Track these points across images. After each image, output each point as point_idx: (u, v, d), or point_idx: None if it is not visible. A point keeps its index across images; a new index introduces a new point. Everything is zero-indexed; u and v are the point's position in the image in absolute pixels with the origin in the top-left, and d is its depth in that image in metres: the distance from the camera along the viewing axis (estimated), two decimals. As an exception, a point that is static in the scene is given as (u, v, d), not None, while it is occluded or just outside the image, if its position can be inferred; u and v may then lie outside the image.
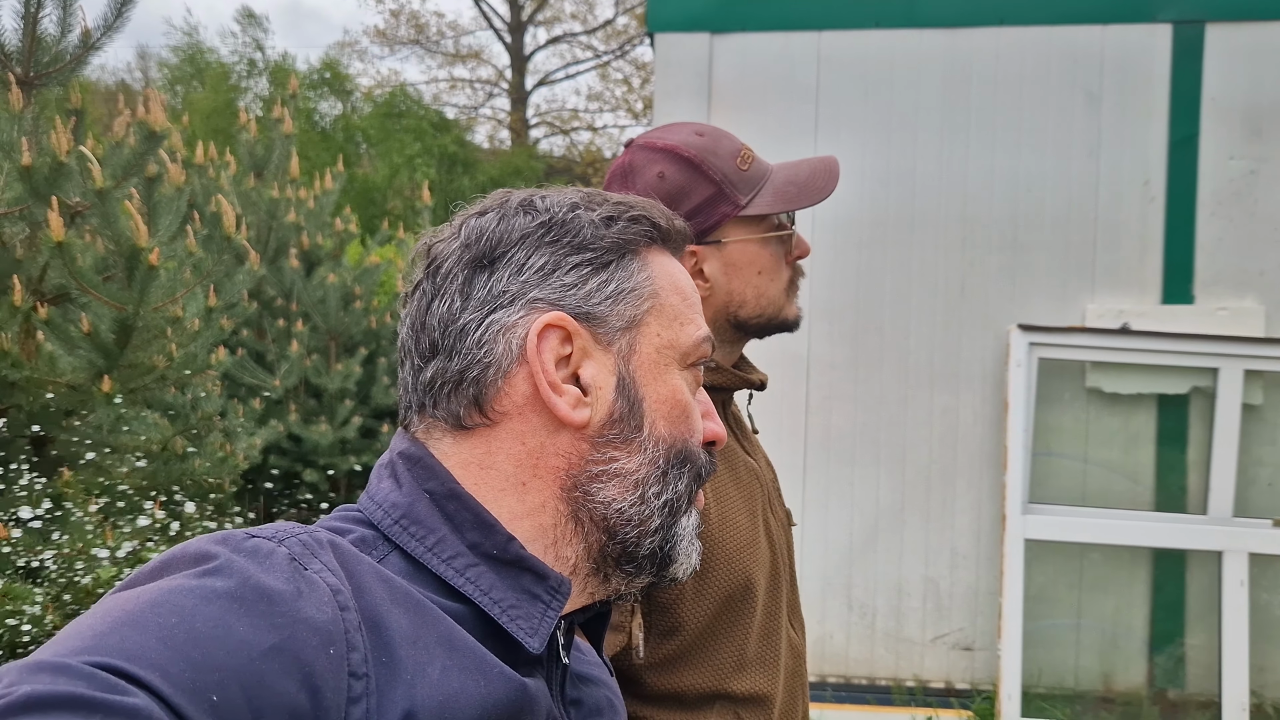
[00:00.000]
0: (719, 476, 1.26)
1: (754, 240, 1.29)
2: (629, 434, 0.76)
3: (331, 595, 0.61)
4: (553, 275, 0.76)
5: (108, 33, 4.11)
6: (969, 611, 4.33)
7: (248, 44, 24.30)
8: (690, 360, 0.81)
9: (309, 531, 0.67)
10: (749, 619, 1.22)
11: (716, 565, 1.19)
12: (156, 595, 0.55)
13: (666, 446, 0.77)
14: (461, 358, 0.75)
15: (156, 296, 3.53)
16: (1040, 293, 4.26)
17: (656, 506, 0.76)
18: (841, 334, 4.36)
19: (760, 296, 1.31)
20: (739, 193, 1.27)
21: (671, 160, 1.27)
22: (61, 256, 3.31)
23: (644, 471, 0.76)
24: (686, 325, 0.81)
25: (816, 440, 4.36)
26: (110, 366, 3.54)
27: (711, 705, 1.19)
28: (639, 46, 24.53)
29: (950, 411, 4.33)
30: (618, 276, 0.78)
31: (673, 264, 0.83)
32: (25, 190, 3.52)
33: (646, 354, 0.78)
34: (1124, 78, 4.22)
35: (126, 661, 0.50)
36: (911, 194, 4.33)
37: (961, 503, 4.33)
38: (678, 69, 4.40)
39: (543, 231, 0.77)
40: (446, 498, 0.73)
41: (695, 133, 1.30)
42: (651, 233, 0.81)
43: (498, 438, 0.75)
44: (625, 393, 0.76)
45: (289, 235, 7.39)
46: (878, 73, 4.35)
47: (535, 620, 0.71)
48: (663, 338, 0.79)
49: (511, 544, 0.72)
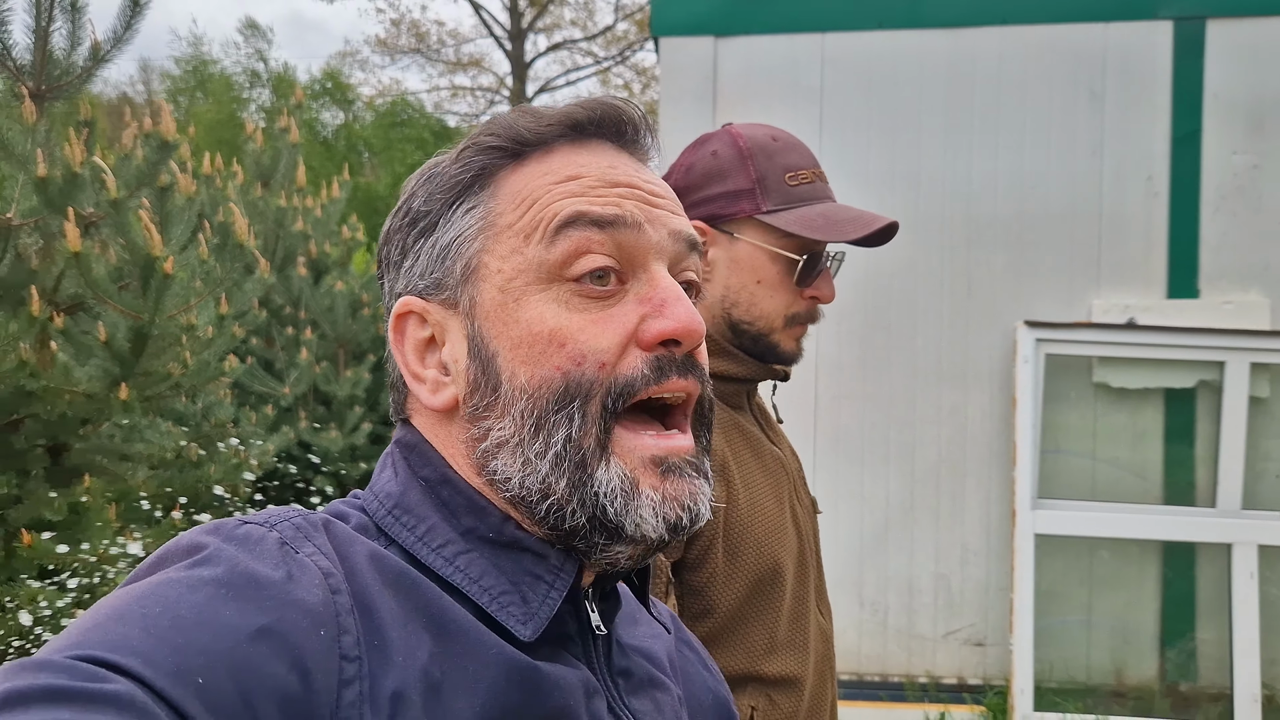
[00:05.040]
0: (746, 463, 1.29)
1: (763, 249, 1.30)
2: (491, 397, 0.69)
3: (323, 578, 0.60)
4: (403, 264, 0.74)
5: (117, 45, 4.16)
6: (980, 607, 4.35)
7: (250, 55, 24.40)
8: (559, 268, 0.69)
9: (303, 515, 0.65)
10: (779, 603, 1.25)
11: (746, 550, 1.23)
12: (144, 590, 0.55)
13: (531, 395, 0.67)
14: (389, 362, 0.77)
15: (171, 305, 3.56)
16: (1046, 289, 4.29)
17: (546, 468, 0.67)
18: (849, 334, 4.38)
19: (753, 305, 1.31)
20: (767, 198, 1.30)
21: (729, 145, 1.34)
22: (78, 266, 3.35)
23: (517, 430, 0.68)
24: (535, 233, 0.69)
25: (826, 439, 4.38)
26: (126, 374, 3.58)
27: (744, 687, 1.22)
28: (639, 52, 24.58)
29: (958, 409, 4.35)
30: (441, 233, 0.72)
31: (536, 171, 0.72)
32: (40, 202, 3.56)
33: (490, 298, 0.70)
34: (1126, 75, 4.25)
35: (108, 651, 0.49)
36: (917, 194, 4.36)
37: (971, 499, 4.35)
38: (682, 72, 4.44)
39: (394, 220, 0.75)
40: (440, 483, 0.71)
41: (770, 135, 1.34)
42: (486, 158, 0.72)
43: (425, 432, 0.74)
44: (477, 354, 0.70)
45: (296, 244, 7.43)
46: (881, 73, 4.39)
47: (535, 603, 0.67)
48: (506, 268, 0.69)
49: (507, 525, 0.69)
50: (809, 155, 1.35)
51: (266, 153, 7.46)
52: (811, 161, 1.34)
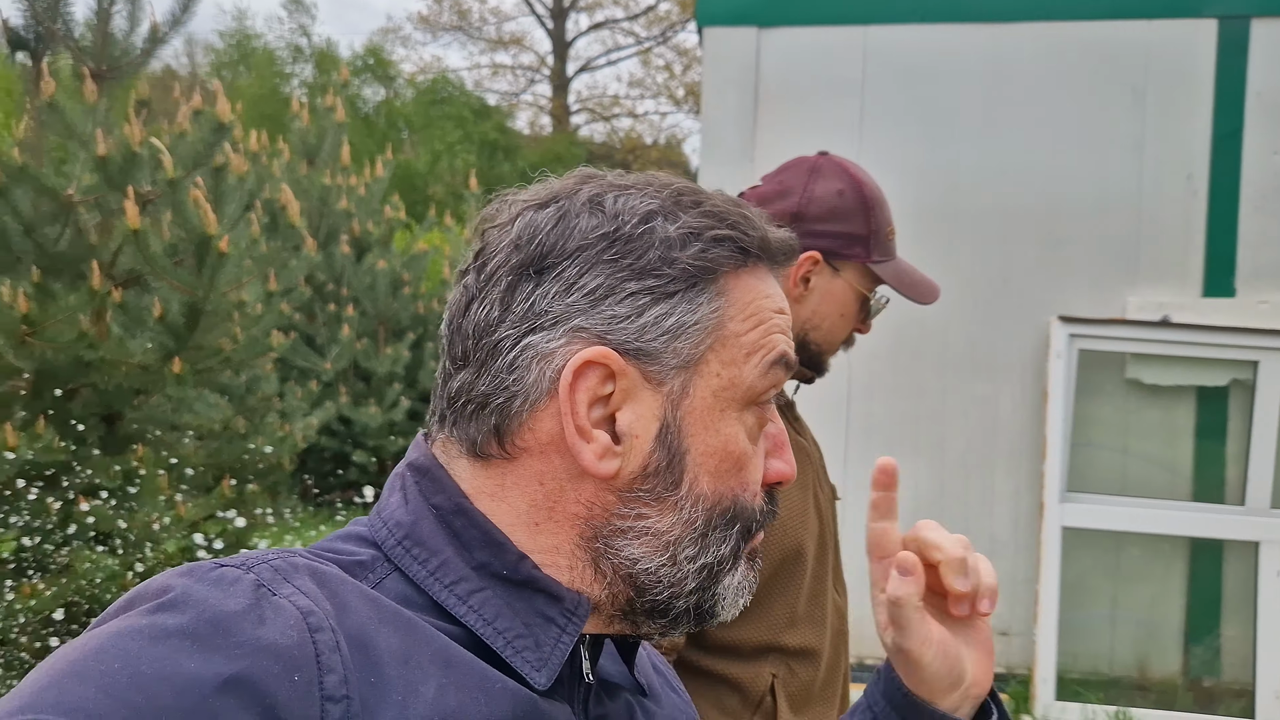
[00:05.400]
0: None
1: (854, 290, 1.49)
2: (663, 491, 0.68)
3: (301, 617, 0.57)
4: (604, 301, 0.67)
5: (175, 27, 4.28)
6: (1006, 598, 4.40)
7: (294, 30, 24.61)
8: (757, 396, 0.70)
9: (283, 556, 0.62)
10: (799, 581, 1.38)
11: (772, 532, 1.33)
12: (103, 640, 0.52)
13: (708, 506, 0.68)
14: (490, 378, 0.67)
15: (224, 282, 3.69)
16: (1081, 285, 4.31)
17: (691, 570, 0.68)
18: (881, 325, 4.38)
19: (829, 332, 1.51)
20: (875, 250, 1.48)
21: (855, 189, 1.48)
22: (136, 243, 3.47)
23: (677, 532, 0.68)
24: (755, 354, 0.70)
25: (857, 429, 4.44)
26: (180, 348, 3.71)
27: (765, 657, 1.34)
28: (681, 32, 24.54)
29: (990, 401, 4.40)
30: (680, 309, 0.68)
31: (759, 285, 0.72)
32: (100, 179, 3.69)
33: (701, 398, 0.68)
34: (1168, 72, 4.25)
35: (61, 715, 0.47)
36: (954, 187, 4.39)
37: (1000, 491, 4.40)
38: (725, 63, 4.49)
39: (604, 245, 0.67)
40: (454, 513, 0.68)
41: (877, 187, 1.51)
42: (736, 257, 0.70)
43: (514, 473, 0.69)
44: (666, 443, 0.68)
45: (340, 222, 7.57)
46: (921, 67, 4.41)
47: (548, 648, 0.66)
48: (723, 377, 0.69)
49: (523, 563, 0.67)
50: (890, 211, 1.54)
51: (312, 131, 7.59)
52: (891, 216, 1.53)
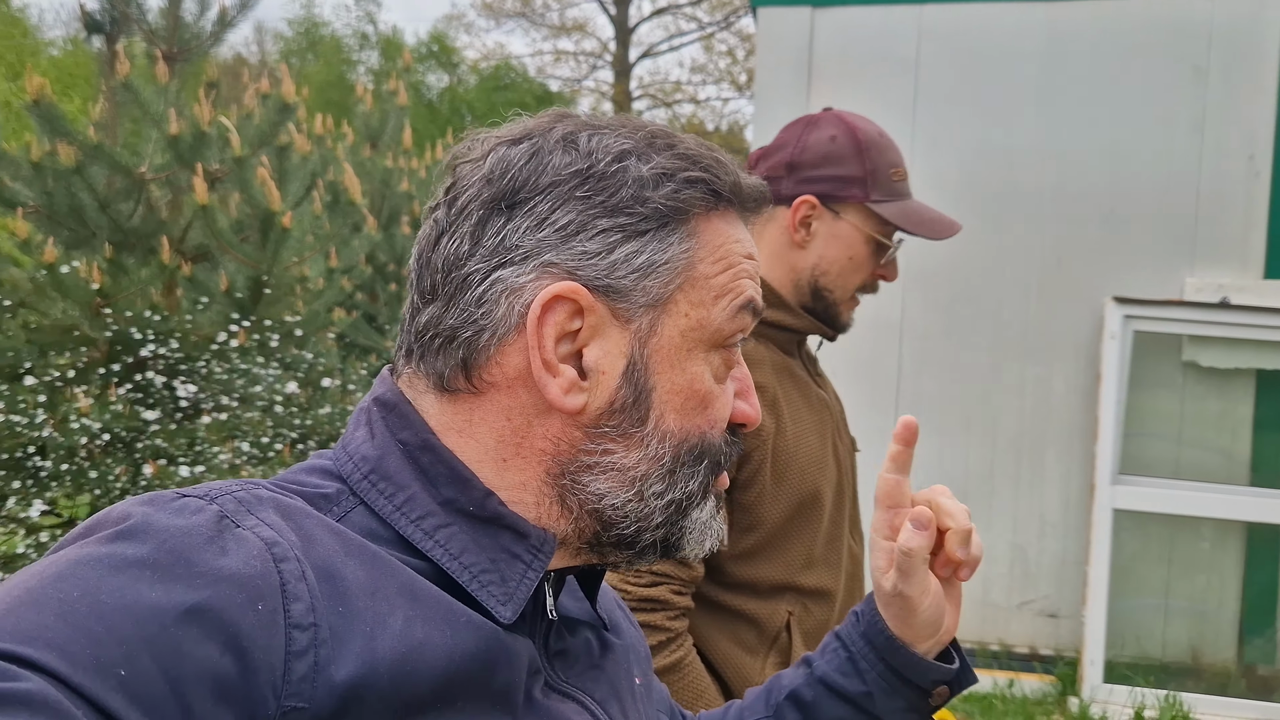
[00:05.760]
0: (794, 400, 1.46)
1: (861, 231, 1.48)
2: (629, 427, 0.68)
3: (265, 548, 0.57)
4: (575, 237, 0.67)
5: (243, 11, 4.41)
6: (1055, 580, 4.38)
7: (360, 17, 24.97)
8: (724, 339, 0.71)
9: (247, 488, 0.62)
10: (817, 524, 1.43)
11: (790, 475, 1.39)
12: (63, 567, 0.51)
13: (675, 443, 0.69)
14: (458, 312, 0.68)
15: (287, 257, 3.81)
16: (1138, 266, 4.26)
17: (658, 505, 0.70)
18: (935, 302, 4.43)
19: (839, 276, 1.50)
20: (875, 189, 1.48)
21: (847, 134, 1.50)
22: (204, 218, 3.61)
23: (644, 468, 0.69)
24: (724, 297, 0.70)
25: (907, 406, 4.45)
26: (244, 320, 3.85)
27: (782, 595, 1.39)
28: (743, 18, 24.40)
29: (1043, 382, 4.37)
30: (651, 248, 0.68)
31: (730, 229, 0.72)
32: (171, 157, 3.84)
33: (669, 337, 0.69)
34: (1232, 51, 4.17)
35: (19, 644, 0.46)
36: (1009, 165, 4.36)
37: (1051, 472, 4.37)
38: (779, 42, 4.51)
39: (576, 182, 0.67)
40: (420, 449, 0.68)
41: (878, 131, 1.52)
42: (708, 199, 0.70)
43: (481, 408, 0.69)
44: (633, 380, 0.68)
45: (401, 203, 7.71)
46: (977, 45, 4.38)
47: (513, 583, 0.66)
48: (691, 317, 0.69)
49: (489, 500, 0.67)
50: (900, 154, 1.54)
51: (375, 115, 7.73)
52: (902, 159, 1.53)
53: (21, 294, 4.03)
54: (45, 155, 3.80)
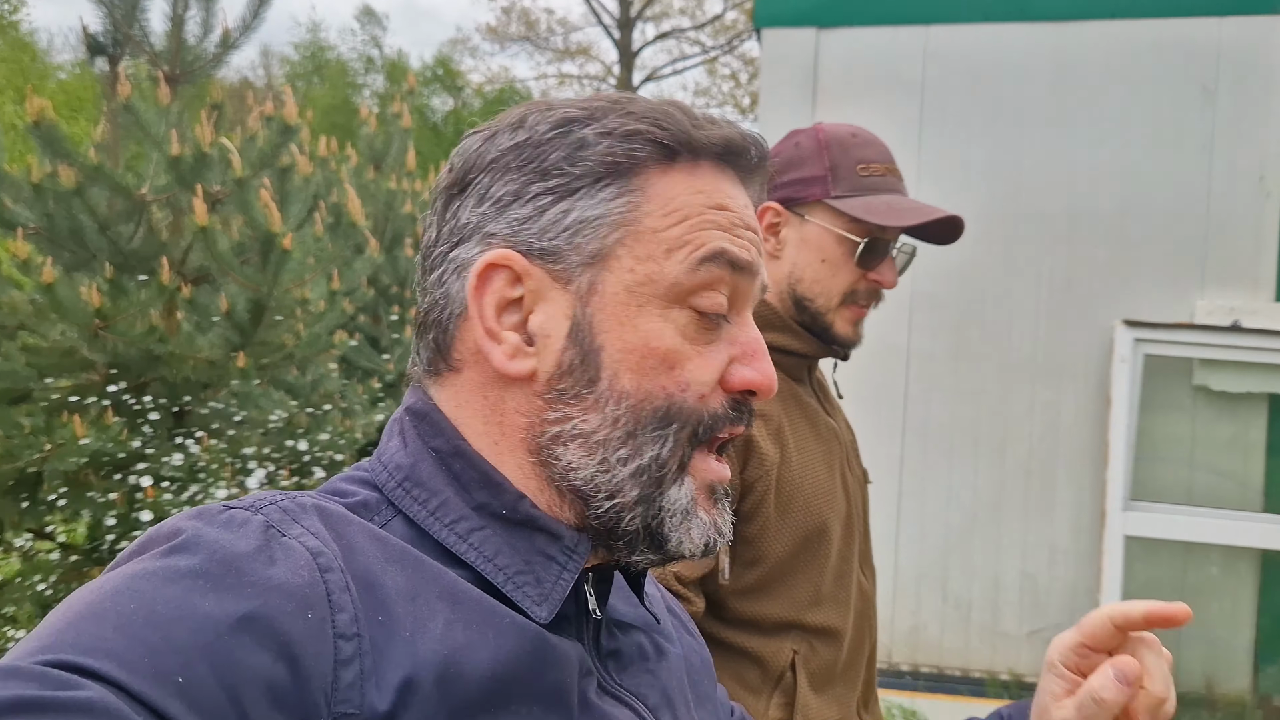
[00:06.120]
0: (801, 429, 1.39)
1: (830, 231, 1.41)
2: (581, 389, 0.67)
3: (311, 558, 0.58)
4: (510, 206, 0.69)
5: (245, 33, 4.40)
6: (1067, 608, 4.31)
7: (366, 41, 25.11)
8: (687, 293, 0.68)
9: (291, 498, 0.63)
10: (824, 559, 1.36)
11: (796, 507, 1.33)
12: (119, 582, 0.53)
13: (634, 404, 0.67)
14: (428, 295, 0.72)
15: (287, 279, 3.77)
16: (1147, 288, 4.22)
17: (625, 475, 0.67)
18: (942, 325, 4.38)
19: (815, 282, 1.42)
20: (836, 185, 1.41)
21: (810, 137, 1.45)
22: (204, 240, 3.57)
23: (604, 432, 0.67)
24: (679, 250, 0.68)
25: (914, 431, 4.39)
26: (244, 343, 3.80)
27: (787, 633, 1.33)
28: (747, 42, 24.51)
29: (1052, 406, 4.31)
30: (581, 205, 0.68)
31: (692, 181, 0.70)
32: (172, 179, 3.81)
33: (612, 293, 0.67)
34: (1241, 71, 4.14)
35: (80, 655, 0.48)
36: (1017, 187, 4.33)
37: (1061, 498, 4.31)
38: (783, 63, 4.48)
39: (514, 154, 0.69)
40: (452, 455, 0.69)
41: (851, 131, 1.45)
42: (655, 153, 0.68)
43: (463, 388, 0.71)
44: (578, 340, 0.67)
45: (405, 225, 7.69)
46: (985, 66, 4.36)
47: (549, 584, 0.66)
48: (639, 272, 0.67)
49: (521, 502, 0.68)
50: (885, 152, 1.45)
51: (379, 137, 7.73)
52: (886, 157, 1.44)
53: (21, 316, 3.99)
54: (46, 177, 3.78)
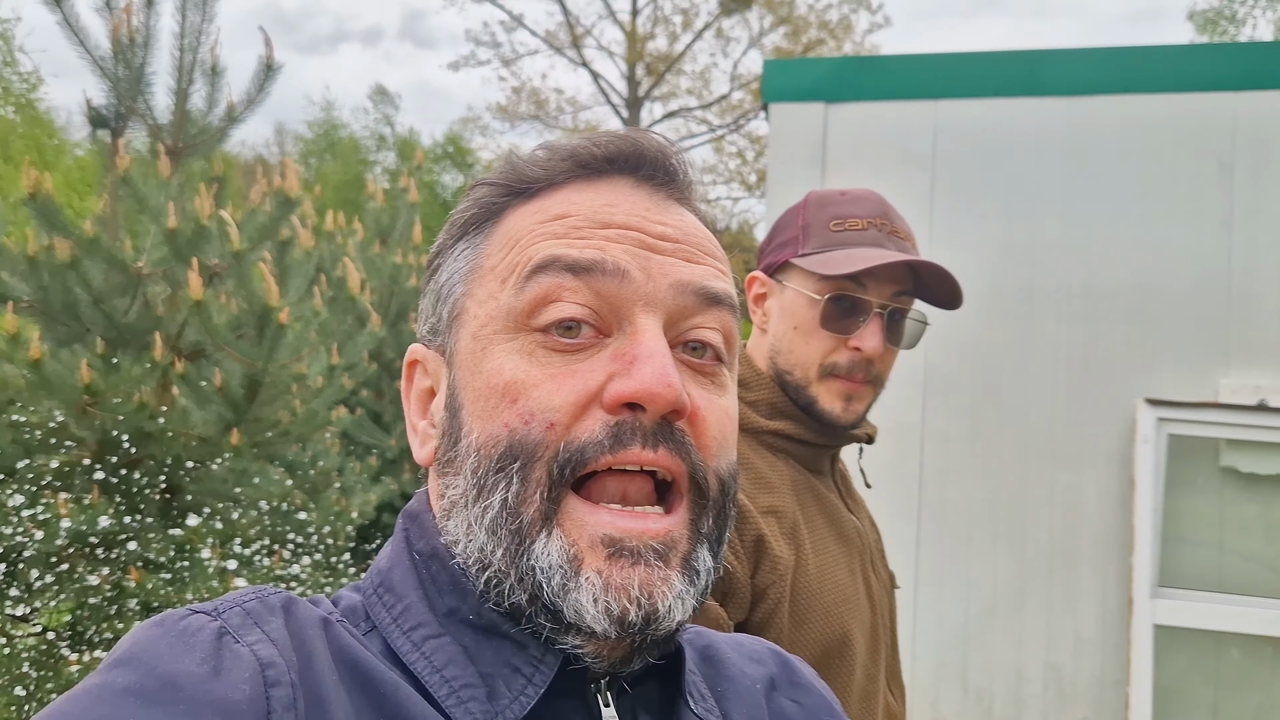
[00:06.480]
0: (819, 528, 1.23)
1: (802, 294, 1.28)
2: (452, 454, 0.64)
3: (259, 670, 0.55)
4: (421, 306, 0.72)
5: (250, 106, 4.37)
6: (1094, 701, 4.10)
7: (378, 119, 25.49)
8: (526, 315, 0.62)
9: (262, 597, 0.60)
10: (847, 676, 1.19)
11: (813, 617, 1.17)
12: (68, 697, 0.53)
13: (481, 452, 0.61)
14: None
15: (284, 354, 3.68)
16: (1170, 367, 4.09)
17: (483, 535, 0.60)
18: (958, 405, 4.25)
19: (790, 352, 1.28)
20: (806, 243, 1.28)
21: (800, 202, 1.35)
22: (199, 314, 3.48)
23: (465, 493, 0.62)
24: (511, 275, 0.63)
25: (930, 514, 4.24)
26: (239, 420, 3.69)
27: None
28: (753, 120, 24.82)
29: (1073, 489, 4.16)
30: (440, 273, 0.69)
31: (531, 209, 0.66)
32: (170, 252, 3.74)
33: (464, 347, 0.64)
34: (1258, 145, 4.07)
35: None
36: (1032, 264, 4.23)
37: (1085, 585, 4.13)
38: (792, 138, 4.43)
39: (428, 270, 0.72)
40: (429, 558, 0.65)
41: (840, 191, 1.34)
42: (502, 190, 0.68)
43: (430, 486, 0.70)
44: (451, 405, 0.65)
45: (410, 299, 7.64)
46: (996, 141, 4.30)
47: (505, 699, 0.59)
48: (479, 316, 0.64)
49: (484, 606, 0.62)
50: (875, 208, 1.30)
51: (386, 211, 7.73)
52: (873, 212, 1.29)
53: (11, 392, 3.89)
54: (42, 250, 3.71)
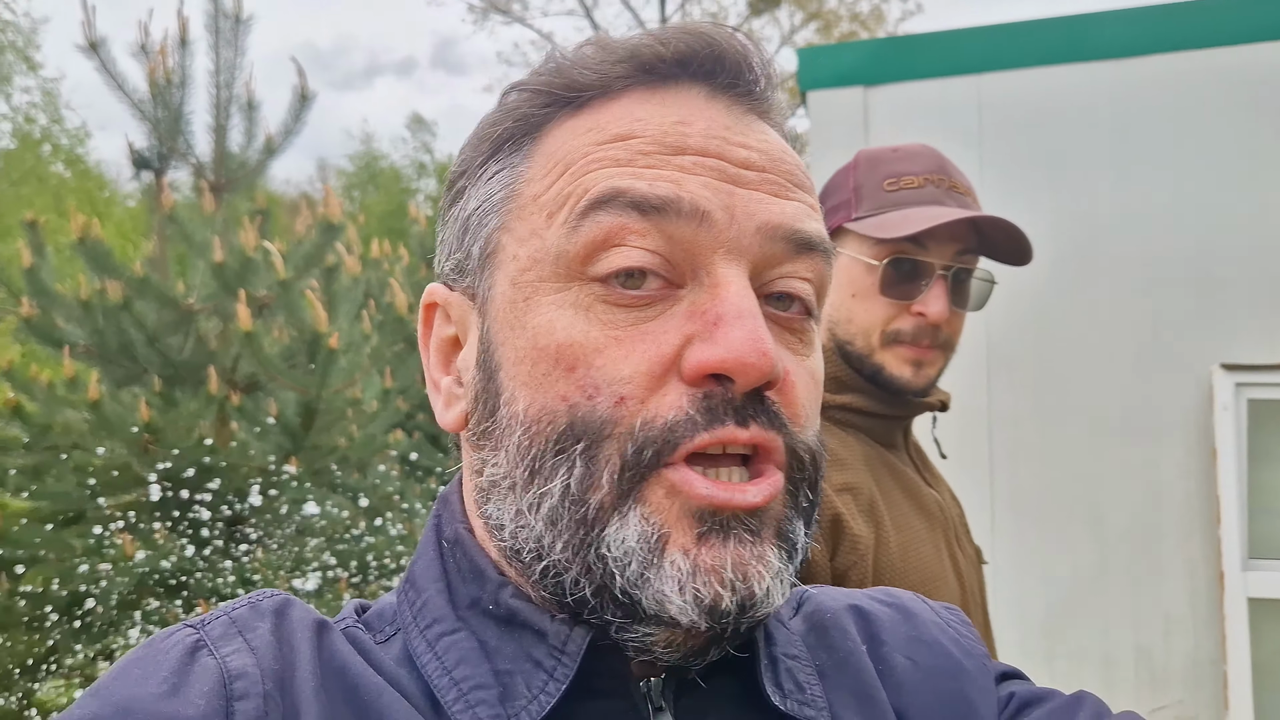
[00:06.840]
0: (898, 503, 1.16)
1: (856, 259, 1.21)
2: (488, 423, 0.54)
3: (222, 684, 0.50)
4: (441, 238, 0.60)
5: (288, 137, 4.40)
6: (1190, 682, 3.94)
7: (417, 148, 25.77)
8: (581, 261, 0.51)
9: (256, 603, 0.55)
10: None
11: None
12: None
13: (531, 427, 0.51)
14: None
15: (337, 379, 3.68)
16: (1243, 329, 3.93)
17: (540, 524, 0.51)
18: (1022, 385, 4.13)
19: (850, 321, 1.23)
20: (859, 205, 1.22)
21: (850, 161, 1.29)
22: (250, 345, 3.49)
23: (513, 474, 0.52)
24: (561, 210, 0.51)
25: (1003, 500, 4.11)
26: (296, 448, 3.70)
27: None
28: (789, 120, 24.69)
29: (1150, 464, 4.01)
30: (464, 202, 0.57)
31: (582, 124, 0.53)
32: (218, 286, 3.76)
33: (501, 294, 0.53)
34: (1321, 94, 3.91)
35: None
36: (1089, 234, 4.10)
37: (1171, 563, 3.98)
38: (832, 126, 4.36)
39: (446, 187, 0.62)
40: (454, 545, 0.58)
41: (893, 149, 1.28)
42: (544, 98, 0.54)
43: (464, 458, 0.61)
44: (484, 363, 0.54)
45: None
46: (1044, 111, 4.18)
47: (522, 700, 0.51)
48: (522, 255, 0.52)
49: (503, 592, 0.54)
50: (931, 163, 1.24)
51: (430, 234, 7.78)
52: (929, 168, 1.24)
53: (74, 436, 3.94)
54: (94, 293, 3.75)
